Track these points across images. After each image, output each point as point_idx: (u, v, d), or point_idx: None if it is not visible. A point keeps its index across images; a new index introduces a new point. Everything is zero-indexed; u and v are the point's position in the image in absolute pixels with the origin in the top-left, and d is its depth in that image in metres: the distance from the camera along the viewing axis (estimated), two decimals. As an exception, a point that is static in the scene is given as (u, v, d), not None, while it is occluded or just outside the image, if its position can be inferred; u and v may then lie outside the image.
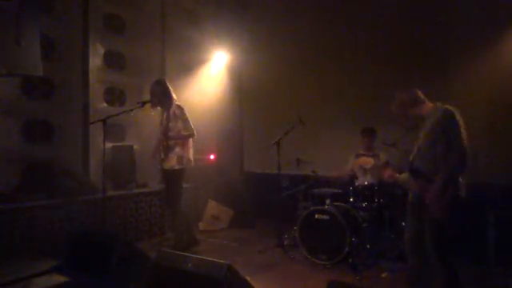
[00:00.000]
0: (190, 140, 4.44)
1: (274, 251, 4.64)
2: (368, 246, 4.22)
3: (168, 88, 4.39)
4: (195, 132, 4.39)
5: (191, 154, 4.45)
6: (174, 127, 4.33)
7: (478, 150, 3.75)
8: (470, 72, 4.39)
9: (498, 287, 3.63)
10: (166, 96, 4.35)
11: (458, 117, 2.73)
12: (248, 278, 2.58)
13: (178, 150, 4.33)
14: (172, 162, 4.32)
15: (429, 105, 2.93)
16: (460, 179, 2.75)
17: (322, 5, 5.81)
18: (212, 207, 5.96)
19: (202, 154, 5.96)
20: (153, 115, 4.59)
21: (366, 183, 4.50)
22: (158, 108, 4.49)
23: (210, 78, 6.65)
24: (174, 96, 4.42)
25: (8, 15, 3.70)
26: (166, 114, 4.39)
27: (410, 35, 4.95)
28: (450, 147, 2.70)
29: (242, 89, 7.08)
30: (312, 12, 5.91)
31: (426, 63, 4.77)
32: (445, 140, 2.72)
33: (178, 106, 4.36)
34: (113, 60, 5.66)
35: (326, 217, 4.14)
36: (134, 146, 5.64)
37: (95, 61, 5.31)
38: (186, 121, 4.33)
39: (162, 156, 4.37)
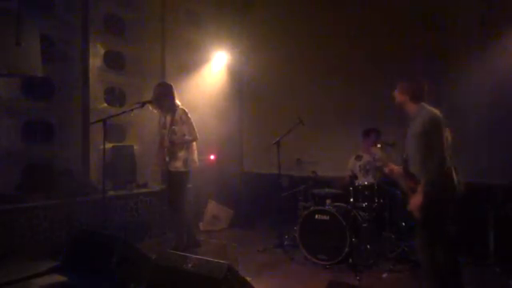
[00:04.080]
0: (194, 142, 4.47)
1: (273, 251, 4.64)
2: (368, 246, 4.22)
3: (172, 92, 4.40)
4: (198, 136, 4.41)
5: (196, 155, 4.49)
6: (179, 131, 4.36)
7: (478, 150, 3.76)
8: (470, 72, 4.38)
9: (497, 287, 3.63)
10: (167, 99, 4.36)
11: (441, 122, 2.78)
12: (248, 279, 2.58)
13: (183, 152, 4.35)
14: (178, 165, 4.35)
15: (418, 105, 2.96)
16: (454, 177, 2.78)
17: (323, 5, 5.80)
18: (212, 207, 5.96)
19: (202, 154, 5.94)
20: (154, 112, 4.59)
21: (366, 183, 4.50)
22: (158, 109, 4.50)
23: (211, 79, 6.64)
24: (178, 102, 4.43)
25: (8, 15, 3.71)
26: (170, 118, 4.39)
27: (410, 37, 4.95)
28: (429, 153, 2.75)
29: (242, 89, 7.08)
30: (313, 12, 5.91)
31: (425, 65, 4.77)
32: (426, 145, 2.78)
33: (183, 111, 4.38)
34: (113, 60, 5.65)
35: (326, 217, 4.13)
36: (134, 147, 5.64)
37: (95, 61, 5.30)
38: (190, 125, 4.36)
39: (168, 159, 4.38)
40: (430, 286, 2.85)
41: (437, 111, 2.85)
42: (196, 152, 4.49)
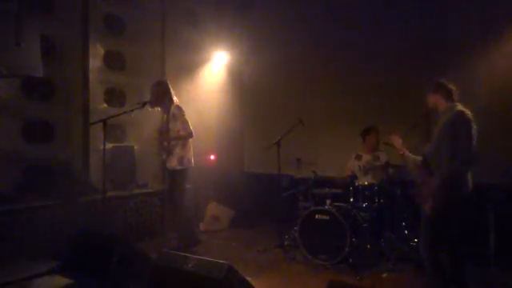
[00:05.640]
0: (190, 140, 4.47)
1: (274, 251, 4.64)
2: (368, 246, 4.22)
3: (169, 89, 4.42)
4: (193, 132, 4.41)
5: (191, 154, 4.48)
6: (174, 127, 4.37)
7: (478, 150, 3.73)
8: (469, 73, 4.38)
9: (497, 287, 3.63)
10: (166, 97, 4.38)
11: (472, 120, 2.79)
12: (248, 279, 2.58)
13: (178, 150, 4.38)
14: (173, 163, 4.38)
15: (449, 104, 2.99)
16: (469, 178, 2.83)
17: (323, 5, 5.80)
18: (212, 207, 5.96)
19: (202, 154, 5.95)
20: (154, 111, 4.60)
21: (366, 183, 4.50)
22: (158, 108, 4.50)
23: (210, 79, 6.64)
24: (175, 98, 4.44)
25: (8, 15, 3.70)
26: (165, 115, 4.40)
27: (409, 37, 4.95)
28: (455, 149, 2.75)
29: (242, 89, 7.08)
30: (313, 12, 5.91)
31: (425, 65, 4.77)
32: (450, 140, 2.78)
33: (177, 107, 4.39)
34: (113, 60, 5.65)
35: (326, 217, 4.13)
36: (135, 147, 5.64)
37: (95, 61, 5.30)
38: (184, 121, 4.37)
39: (164, 157, 4.40)
40: (432, 284, 2.85)
41: (467, 110, 2.87)
42: (191, 150, 4.50)
